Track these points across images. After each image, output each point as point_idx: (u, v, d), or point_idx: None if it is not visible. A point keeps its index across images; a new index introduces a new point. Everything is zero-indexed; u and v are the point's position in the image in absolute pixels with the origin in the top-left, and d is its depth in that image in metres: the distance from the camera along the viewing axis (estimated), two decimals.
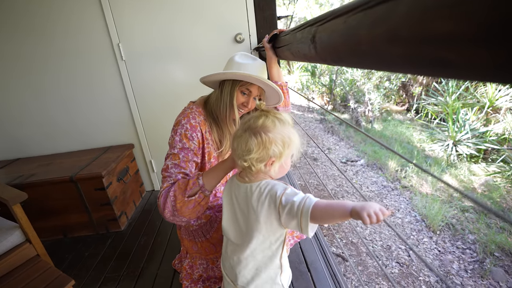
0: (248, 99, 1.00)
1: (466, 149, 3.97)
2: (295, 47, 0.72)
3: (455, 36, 0.21)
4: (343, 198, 3.32)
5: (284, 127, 0.68)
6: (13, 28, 1.74)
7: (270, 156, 0.66)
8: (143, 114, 1.95)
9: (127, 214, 1.83)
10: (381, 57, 0.33)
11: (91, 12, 1.70)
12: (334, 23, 0.45)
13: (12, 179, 1.64)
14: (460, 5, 0.20)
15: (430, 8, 0.23)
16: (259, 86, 0.99)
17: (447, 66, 0.23)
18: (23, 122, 1.98)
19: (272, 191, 0.67)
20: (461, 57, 0.21)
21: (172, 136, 0.96)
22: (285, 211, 0.64)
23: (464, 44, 0.20)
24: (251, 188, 0.71)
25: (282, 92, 1.05)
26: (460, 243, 2.51)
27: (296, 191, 0.67)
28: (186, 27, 1.73)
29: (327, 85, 7.29)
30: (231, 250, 0.78)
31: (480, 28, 0.18)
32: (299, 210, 0.62)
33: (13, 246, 1.05)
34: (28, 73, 1.85)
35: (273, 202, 0.66)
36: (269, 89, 1.01)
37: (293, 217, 0.63)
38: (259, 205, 0.68)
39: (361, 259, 2.37)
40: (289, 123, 0.70)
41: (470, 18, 0.19)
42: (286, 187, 0.68)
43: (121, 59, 1.79)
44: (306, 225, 0.62)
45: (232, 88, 0.98)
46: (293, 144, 0.68)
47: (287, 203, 0.64)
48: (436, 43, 0.23)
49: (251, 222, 0.70)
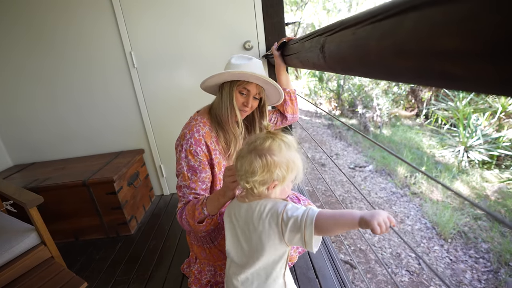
0: (248, 99, 1.01)
1: (478, 155, 3.88)
2: (304, 55, 0.74)
3: (462, 52, 0.22)
4: (351, 205, 3.29)
5: (289, 151, 0.68)
6: (32, 38, 1.82)
7: (273, 179, 0.66)
8: (153, 120, 1.99)
9: (136, 218, 1.86)
10: (389, 68, 0.35)
11: (105, 22, 1.77)
12: (343, 34, 0.46)
13: (28, 182, 1.69)
14: (467, 23, 0.21)
15: (437, 24, 0.23)
16: (257, 84, 1.00)
17: (454, 79, 0.24)
18: (39, 128, 2.05)
19: (273, 209, 0.67)
20: (467, 71, 0.22)
21: (178, 151, 0.99)
22: (288, 227, 0.63)
23: (471, 60, 0.21)
24: (251, 207, 0.70)
25: (282, 90, 1.06)
26: (473, 251, 2.44)
27: (297, 206, 0.67)
28: (197, 35, 1.77)
29: (334, 90, 7.27)
30: (234, 271, 0.77)
31: (486, 45, 0.19)
32: (302, 222, 0.61)
33: (29, 248, 1.08)
34: (43, 81, 1.93)
35: (274, 220, 0.66)
36: (267, 86, 1.02)
37: (296, 231, 0.62)
38: (260, 224, 0.67)
39: (369, 266, 2.34)
40: (294, 147, 0.70)
41: (477, 35, 0.20)
42: (287, 203, 0.68)
43: (133, 66, 1.85)
44: (310, 237, 0.61)
45: (231, 89, 1.01)
46: (296, 169, 0.68)
47: (289, 218, 0.63)
48: (443, 58, 0.24)
49: (252, 242, 0.70)
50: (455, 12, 0.22)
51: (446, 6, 0.22)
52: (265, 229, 0.66)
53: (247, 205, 0.71)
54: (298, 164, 0.68)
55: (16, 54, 1.86)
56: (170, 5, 1.71)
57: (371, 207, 0.66)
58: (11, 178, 1.84)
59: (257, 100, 1.05)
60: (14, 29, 1.81)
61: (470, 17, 0.20)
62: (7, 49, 1.85)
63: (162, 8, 1.72)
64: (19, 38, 1.82)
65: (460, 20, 0.21)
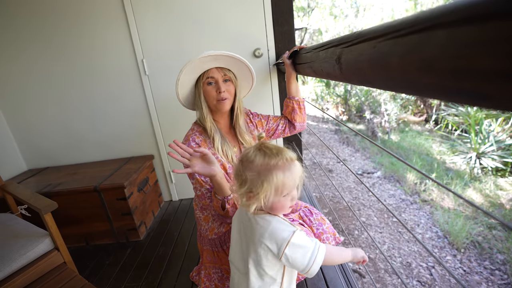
0: (217, 85, 1.03)
1: (491, 162, 3.79)
2: (318, 65, 0.74)
3: (496, 72, 0.21)
4: (359, 211, 3.24)
5: (268, 164, 0.62)
6: (44, 46, 1.87)
7: (248, 191, 0.63)
8: (163, 126, 2.02)
9: (146, 224, 1.87)
10: (413, 84, 0.34)
11: (118, 30, 1.81)
12: (362, 47, 0.46)
13: (42, 187, 1.72)
14: (500, 43, 0.20)
15: (468, 44, 0.23)
16: (217, 68, 1.02)
17: (486, 98, 0.24)
18: (52, 133, 2.10)
19: (274, 235, 0.64)
20: (501, 92, 0.22)
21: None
22: (291, 257, 0.63)
23: (505, 81, 0.21)
24: (255, 219, 0.68)
25: (248, 65, 1.06)
26: (488, 263, 2.36)
27: (304, 237, 0.65)
28: (207, 42, 1.80)
29: (341, 95, 7.24)
30: (237, 281, 0.77)
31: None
32: (311, 260, 0.63)
33: (43, 253, 1.10)
34: (57, 88, 1.98)
35: (275, 246, 0.64)
36: (227, 60, 1.02)
37: (300, 263, 0.63)
38: (260, 241, 0.66)
39: (379, 276, 2.28)
40: (280, 159, 0.62)
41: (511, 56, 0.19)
42: (294, 230, 0.64)
43: (144, 74, 1.88)
44: (314, 270, 0.63)
45: (198, 88, 1.05)
46: (270, 183, 0.61)
47: (295, 250, 0.62)
48: (475, 77, 0.23)
49: (251, 254, 0.69)
50: (488, 32, 0.21)
51: (478, 25, 0.22)
52: (263, 246, 0.65)
53: (251, 216, 0.69)
54: (273, 179, 0.61)
55: (31, 61, 1.92)
56: (181, 13, 1.75)
57: (381, 215, 0.66)
58: (25, 183, 1.88)
59: (229, 83, 1.06)
60: (34, 39, 1.87)
61: (503, 38, 0.20)
62: (24, 58, 1.91)
63: (174, 16, 1.75)
64: (35, 46, 1.88)
65: (493, 40, 0.21)
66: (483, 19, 0.22)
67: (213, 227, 1.11)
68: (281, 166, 0.62)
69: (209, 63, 1.01)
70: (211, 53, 0.96)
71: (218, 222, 1.10)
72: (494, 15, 0.21)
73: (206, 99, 1.06)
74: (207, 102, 1.06)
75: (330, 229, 1.03)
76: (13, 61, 1.92)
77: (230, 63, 1.04)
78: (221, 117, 1.11)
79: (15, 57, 1.91)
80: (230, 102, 1.06)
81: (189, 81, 1.06)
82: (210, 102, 1.06)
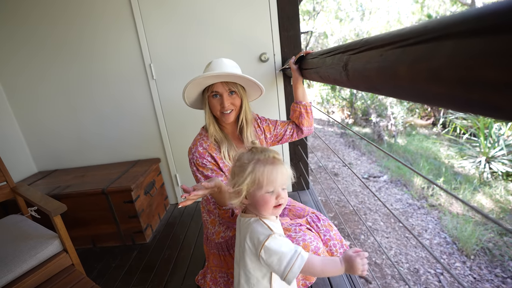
0: (222, 99, 1.03)
1: (501, 166, 3.71)
2: (325, 71, 0.74)
3: (505, 84, 0.21)
4: (365, 216, 3.20)
5: (252, 158, 0.67)
6: (54, 51, 1.92)
7: (235, 185, 0.67)
8: (170, 130, 2.04)
9: (152, 227, 1.88)
10: (420, 92, 0.34)
11: (127, 35, 1.84)
12: (370, 55, 0.46)
13: (51, 189, 1.76)
14: (506, 57, 0.21)
15: (477, 55, 0.23)
16: (221, 82, 1.02)
17: (495, 109, 0.24)
18: (61, 136, 2.14)
19: (251, 236, 0.67)
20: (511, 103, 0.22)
21: (190, 166, 1.06)
22: (268, 260, 0.63)
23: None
24: (242, 221, 0.72)
25: (256, 82, 1.05)
26: (499, 270, 2.30)
27: (282, 241, 0.64)
28: (214, 47, 1.82)
29: (347, 98, 7.21)
30: (236, 282, 0.78)
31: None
32: (288, 266, 0.61)
33: (52, 254, 1.12)
34: (67, 92, 2.02)
35: (254, 245, 0.66)
36: (235, 78, 1.01)
37: (278, 268, 0.63)
38: (243, 242, 0.68)
39: (385, 282, 2.25)
40: (262, 156, 0.67)
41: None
42: (268, 235, 0.65)
43: (152, 78, 1.91)
44: (292, 277, 0.61)
45: (204, 97, 1.06)
46: (252, 175, 0.65)
47: (272, 252, 0.63)
48: (484, 88, 0.24)
49: (241, 255, 0.71)
50: (495, 44, 0.22)
51: (486, 37, 0.22)
52: (247, 248, 0.68)
53: (241, 219, 0.73)
54: (255, 171, 0.65)
55: (42, 66, 1.97)
56: (188, 19, 1.77)
57: (387, 220, 0.65)
58: (35, 185, 1.92)
59: (234, 95, 1.05)
60: (43, 42, 1.92)
61: (510, 50, 0.20)
62: (36, 62, 1.96)
63: (181, 21, 1.78)
64: (45, 50, 1.93)
65: (501, 53, 0.21)
66: (490, 31, 0.22)
67: (220, 230, 1.11)
68: (263, 161, 0.66)
69: (212, 79, 1.01)
70: (214, 74, 0.97)
71: (225, 226, 1.11)
72: (501, 28, 0.21)
73: (211, 110, 1.07)
74: (212, 113, 1.08)
75: (337, 235, 1.02)
76: (25, 65, 1.98)
77: (236, 78, 1.03)
78: (227, 123, 1.12)
79: (26, 61, 1.97)
80: (235, 113, 1.07)
81: (196, 91, 1.08)
82: (214, 113, 1.07)
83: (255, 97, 1.21)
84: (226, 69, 1.01)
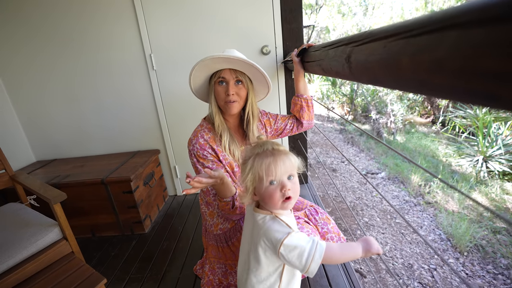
0: (227, 87, 1.01)
1: (498, 165, 3.74)
2: (327, 63, 0.74)
3: (505, 74, 0.22)
4: (362, 212, 3.23)
5: (252, 153, 0.67)
6: (52, 40, 1.90)
7: (242, 182, 0.69)
8: (170, 121, 2.04)
9: (151, 218, 1.89)
10: (423, 84, 0.35)
11: (127, 25, 1.83)
12: (373, 46, 0.46)
13: (50, 178, 1.76)
14: (508, 46, 0.21)
15: (481, 45, 0.24)
16: (231, 69, 1.00)
17: (498, 100, 0.24)
18: (61, 126, 2.14)
19: (268, 234, 0.66)
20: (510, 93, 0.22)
21: (190, 157, 1.05)
22: (289, 255, 0.63)
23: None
24: (256, 217, 0.71)
25: (265, 74, 1.03)
26: (491, 267, 2.34)
27: (301, 236, 0.65)
28: (215, 39, 1.81)
29: (348, 95, 7.20)
30: (240, 272, 0.79)
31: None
32: (310, 256, 0.62)
33: (52, 242, 1.13)
34: (66, 82, 2.01)
35: (271, 245, 0.66)
36: (240, 63, 0.99)
37: (299, 262, 0.62)
38: (258, 238, 0.68)
39: (380, 276, 2.28)
40: (260, 149, 0.68)
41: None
42: (287, 232, 0.64)
43: (152, 68, 1.90)
44: (314, 269, 0.62)
45: (210, 85, 1.04)
46: (252, 170, 0.66)
47: (292, 248, 0.63)
48: (487, 79, 0.24)
49: (252, 249, 0.71)
50: (499, 33, 0.22)
51: (490, 27, 0.23)
52: (262, 244, 0.67)
53: (255, 214, 0.72)
54: (255, 166, 0.66)
55: (41, 55, 1.95)
56: (189, 10, 1.76)
57: (383, 216, 0.66)
58: (34, 174, 1.93)
59: (241, 85, 1.03)
60: (39, 31, 1.89)
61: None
62: (33, 52, 1.94)
63: (182, 12, 1.76)
64: (43, 39, 1.91)
65: (503, 42, 0.21)
66: (494, 21, 0.22)
67: (218, 222, 1.12)
68: (261, 154, 0.67)
69: (221, 64, 0.99)
70: (222, 56, 0.94)
71: (223, 218, 1.12)
72: (505, 18, 0.21)
73: (216, 98, 1.05)
74: (217, 101, 1.06)
75: (335, 229, 1.03)
76: (23, 55, 1.96)
77: (244, 67, 1.01)
78: (230, 116, 1.10)
79: (25, 50, 1.95)
80: (239, 105, 1.04)
81: (203, 77, 1.06)
82: (219, 102, 1.05)
83: (262, 97, 1.18)
84: (236, 55, 0.99)
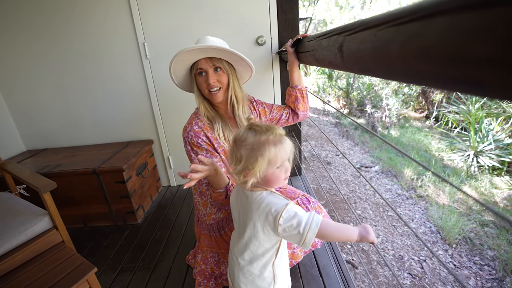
0: (207, 76, 1.01)
1: (488, 160, 3.81)
2: (320, 53, 0.73)
3: (496, 60, 0.21)
4: (355, 205, 3.28)
5: (258, 140, 0.66)
6: (43, 27, 1.84)
7: (244, 168, 0.67)
8: (163, 111, 2.01)
9: (144, 208, 1.89)
10: (412, 72, 0.34)
11: (119, 13, 1.78)
12: (364, 35, 0.45)
13: (40, 168, 1.74)
14: (501, 29, 0.20)
15: (468, 31, 0.23)
16: (207, 58, 1.00)
17: (481, 87, 0.24)
18: (51, 115, 2.10)
19: (272, 205, 0.67)
20: (498, 80, 0.22)
21: (184, 145, 1.04)
22: (286, 225, 0.65)
23: (504, 68, 0.21)
24: (251, 196, 0.72)
25: (242, 57, 1.02)
26: (477, 258, 2.41)
27: (298, 208, 0.67)
28: (209, 28, 1.77)
29: (343, 88, 7.19)
30: (234, 252, 0.80)
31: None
32: (307, 226, 0.64)
33: (42, 231, 1.12)
34: (57, 70, 1.96)
35: (272, 215, 0.67)
36: (215, 52, 0.98)
37: (297, 232, 0.64)
38: (256, 215, 0.69)
39: (371, 267, 2.34)
40: (270, 136, 0.66)
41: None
42: (288, 202, 0.67)
43: (145, 57, 1.86)
44: (310, 240, 0.64)
45: (191, 77, 1.05)
46: (264, 157, 0.65)
47: (290, 218, 0.65)
48: (473, 65, 0.24)
49: (249, 228, 0.72)
50: (488, 18, 0.21)
51: (478, 11, 0.22)
52: (260, 221, 0.69)
53: (248, 193, 0.73)
54: (267, 154, 0.65)
55: (30, 43, 1.89)
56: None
57: (376, 208, 0.67)
58: (24, 163, 1.90)
59: (220, 71, 1.02)
60: (32, 20, 1.83)
61: (504, 23, 0.20)
62: (23, 39, 1.88)
63: (177, 1, 1.72)
64: (34, 27, 1.85)
65: (493, 27, 0.21)
66: (483, 5, 0.22)
67: (211, 212, 1.12)
68: (272, 140, 0.66)
69: (197, 55, 0.98)
70: (194, 47, 0.94)
71: (216, 207, 1.12)
72: (493, 2, 0.21)
73: (199, 89, 1.05)
74: (201, 92, 1.06)
75: (327, 218, 1.04)
76: (12, 42, 1.90)
77: (218, 53, 0.99)
78: (218, 103, 1.09)
79: (14, 38, 1.89)
80: (223, 92, 1.04)
81: (183, 70, 1.06)
82: (203, 92, 1.05)
83: (247, 77, 1.18)
84: (208, 44, 0.97)
